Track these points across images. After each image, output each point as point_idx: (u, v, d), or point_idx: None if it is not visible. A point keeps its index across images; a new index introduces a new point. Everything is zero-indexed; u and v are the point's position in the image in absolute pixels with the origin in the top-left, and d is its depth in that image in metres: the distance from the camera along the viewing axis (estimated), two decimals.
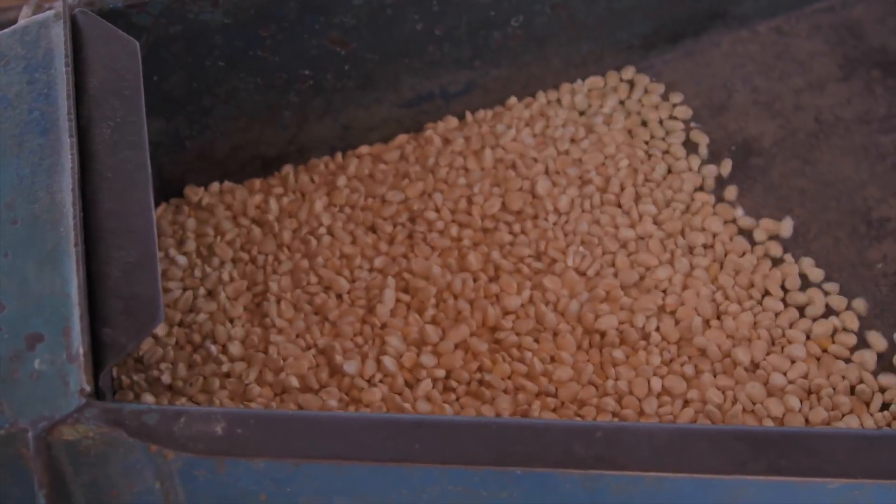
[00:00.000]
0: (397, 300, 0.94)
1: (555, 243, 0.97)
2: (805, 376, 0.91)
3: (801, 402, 0.90)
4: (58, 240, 0.70)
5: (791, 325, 0.94)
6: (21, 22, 0.84)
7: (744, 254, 0.99)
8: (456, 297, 0.94)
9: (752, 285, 0.96)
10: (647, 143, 1.06)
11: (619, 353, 0.91)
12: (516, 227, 0.99)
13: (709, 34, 1.14)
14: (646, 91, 1.10)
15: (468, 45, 1.04)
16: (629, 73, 1.11)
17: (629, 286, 0.95)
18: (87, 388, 0.64)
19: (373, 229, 0.99)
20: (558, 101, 1.09)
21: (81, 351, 0.65)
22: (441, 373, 0.89)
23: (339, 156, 1.04)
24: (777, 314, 0.95)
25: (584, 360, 0.91)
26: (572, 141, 1.05)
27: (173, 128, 0.97)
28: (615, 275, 0.96)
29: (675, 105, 1.09)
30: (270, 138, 1.02)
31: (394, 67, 1.03)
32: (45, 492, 0.64)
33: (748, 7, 1.13)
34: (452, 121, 1.06)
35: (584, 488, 0.64)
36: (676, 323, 0.93)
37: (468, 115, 1.06)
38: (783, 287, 0.97)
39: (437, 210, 0.99)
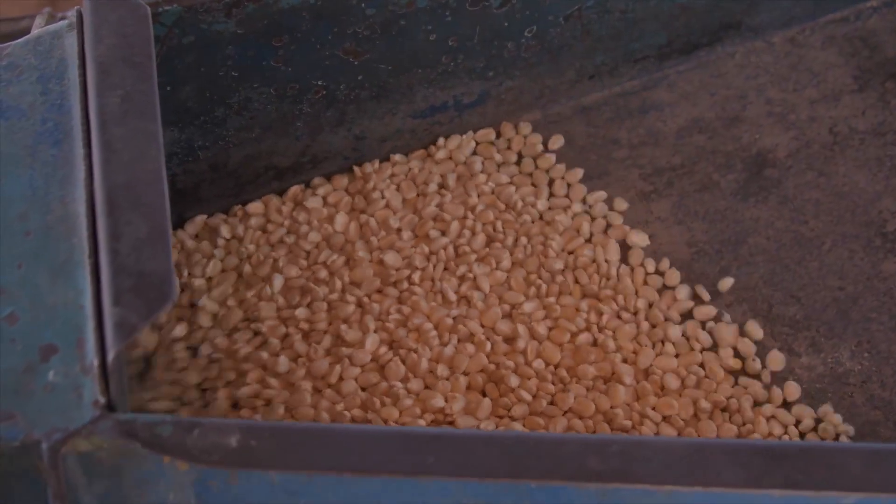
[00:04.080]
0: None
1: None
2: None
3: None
4: (71, 251, 0.70)
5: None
6: (34, 32, 0.84)
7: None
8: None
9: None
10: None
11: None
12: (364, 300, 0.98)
13: (723, 45, 1.14)
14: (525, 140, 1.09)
15: (482, 56, 1.04)
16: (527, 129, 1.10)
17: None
18: (101, 400, 0.64)
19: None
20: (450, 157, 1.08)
21: (95, 363, 0.65)
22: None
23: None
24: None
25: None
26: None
27: (186, 138, 0.97)
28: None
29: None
30: (283, 149, 1.02)
31: (407, 78, 1.02)
32: (60, 503, 0.64)
33: (762, 18, 1.13)
34: (341, 180, 1.05)
35: (600, 502, 0.64)
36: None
37: (356, 170, 1.05)
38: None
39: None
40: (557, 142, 1.08)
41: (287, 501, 0.64)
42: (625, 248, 1.02)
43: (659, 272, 1.01)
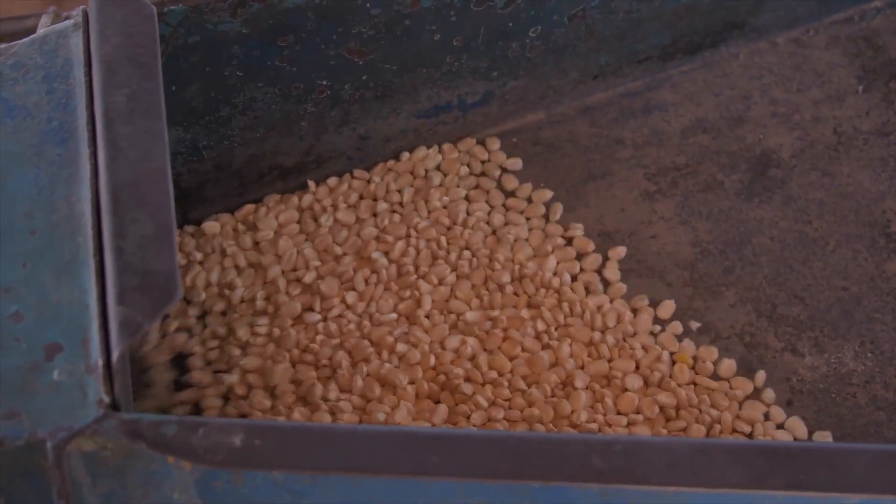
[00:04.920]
0: None
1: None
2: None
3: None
4: (76, 249, 0.70)
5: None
6: (40, 31, 0.84)
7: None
8: None
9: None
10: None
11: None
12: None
13: (727, 45, 1.14)
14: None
15: (486, 56, 1.04)
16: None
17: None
18: (106, 399, 0.64)
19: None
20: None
21: (100, 362, 0.65)
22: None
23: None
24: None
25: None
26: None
27: (191, 137, 0.97)
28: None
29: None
30: (288, 148, 1.02)
31: (411, 78, 1.03)
32: (64, 502, 0.64)
33: (766, 18, 1.13)
34: (292, 199, 1.04)
35: (603, 502, 0.64)
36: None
37: (310, 185, 1.04)
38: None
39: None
40: (516, 164, 1.07)
41: (291, 501, 0.65)
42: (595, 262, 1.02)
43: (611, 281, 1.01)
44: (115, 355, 0.65)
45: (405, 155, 1.07)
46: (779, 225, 1.03)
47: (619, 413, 0.92)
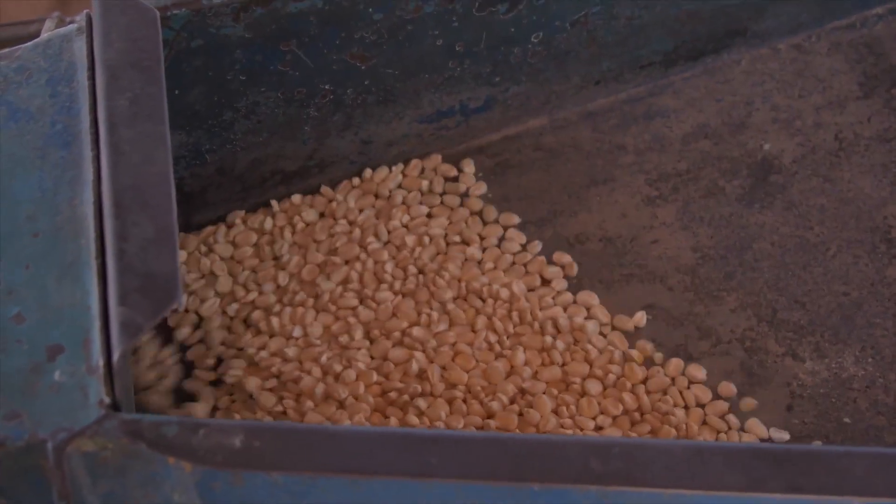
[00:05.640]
0: None
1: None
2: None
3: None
4: (79, 252, 0.70)
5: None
6: (44, 35, 0.84)
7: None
8: None
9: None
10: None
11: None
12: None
13: (729, 52, 1.14)
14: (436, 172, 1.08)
15: (488, 62, 1.04)
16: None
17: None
18: (107, 400, 0.65)
19: None
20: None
21: (101, 363, 0.66)
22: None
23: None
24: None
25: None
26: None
27: (193, 141, 0.97)
28: None
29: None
30: (290, 153, 1.02)
31: (414, 83, 1.03)
32: (64, 503, 0.65)
33: (768, 25, 1.13)
34: (255, 218, 1.04)
35: None
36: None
37: (273, 204, 1.04)
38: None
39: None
40: (480, 188, 1.06)
41: (291, 502, 0.65)
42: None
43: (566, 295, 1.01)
44: (116, 356, 0.65)
45: (368, 172, 1.06)
46: (780, 230, 1.04)
47: (582, 416, 0.92)
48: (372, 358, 0.95)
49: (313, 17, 0.94)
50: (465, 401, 0.92)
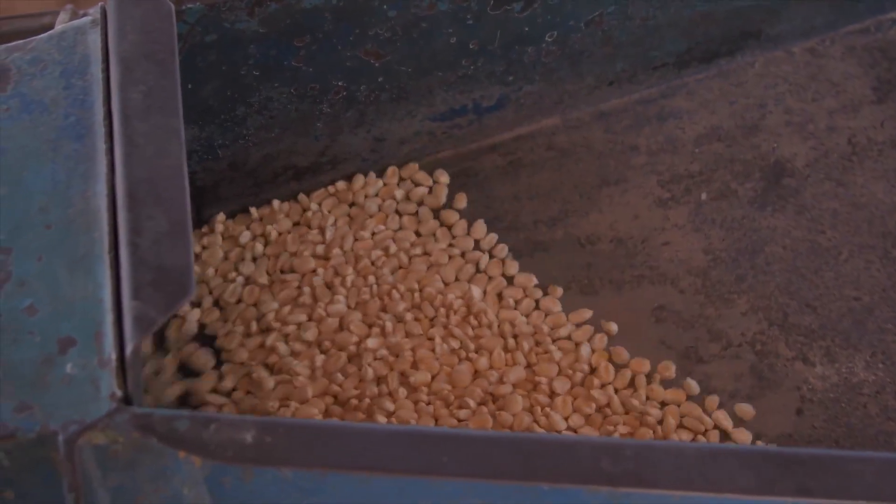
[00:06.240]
0: None
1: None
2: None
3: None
4: (91, 244, 0.70)
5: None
6: (58, 27, 0.84)
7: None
8: None
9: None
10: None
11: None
12: None
13: (743, 54, 1.14)
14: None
15: (502, 60, 1.04)
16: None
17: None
18: (118, 393, 0.65)
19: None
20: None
21: (113, 356, 0.66)
22: None
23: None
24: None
25: None
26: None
27: (206, 136, 0.97)
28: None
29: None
30: (303, 149, 1.02)
31: (427, 81, 1.03)
32: (74, 495, 0.64)
33: (783, 28, 1.13)
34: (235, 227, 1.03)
35: None
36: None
37: (253, 212, 1.03)
38: None
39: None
40: (462, 201, 1.06)
41: (300, 499, 0.65)
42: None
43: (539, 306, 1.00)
44: (128, 350, 0.65)
45: (340, 185, 1.05)
46: (792, 234, 1.03)
47: (556, 413, 0.92)
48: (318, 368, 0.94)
49: (328, 13, 0.94)
50: (429, 403, 0.92)
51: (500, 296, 1.00)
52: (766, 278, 1.01)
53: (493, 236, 1.03)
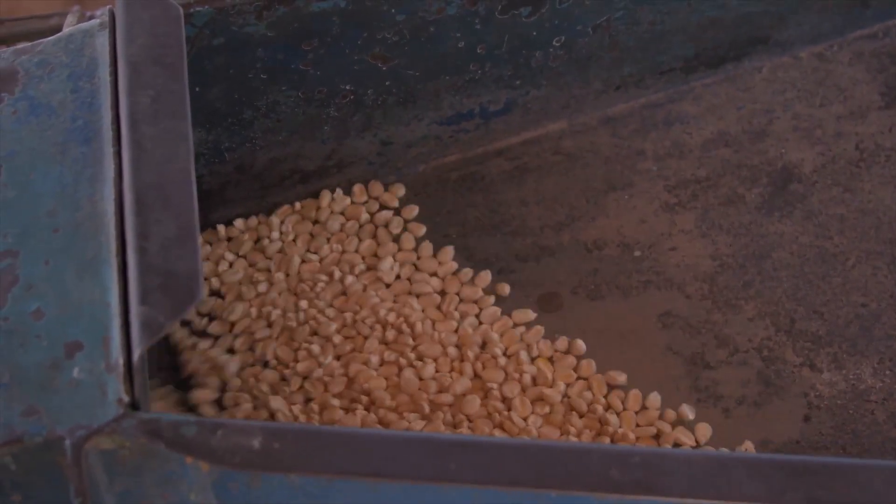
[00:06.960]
0: None
1: None
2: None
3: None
4: (98, 248, 0.70)
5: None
6: (66, 30, 0.84)
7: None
8: None
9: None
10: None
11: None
12: None
13: (750, 59, 1.14)
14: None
15: (509, 65, 1.04)
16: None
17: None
18: (125, 398, 0.64)
19: None
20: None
21: (120, 361, 0.65)
22: None
23: None
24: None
25: None
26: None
27: (213, 139, 0.97)
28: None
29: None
30: (310, 152, 1.02)
31: (434, 85, 1.03)
32: (81, 500, 0.64)
33: (790, 33, 1.13)
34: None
35: None
36: None
37: (220, 230, 1.02)
38: None
39: None
40: (412, 212, 1.05)
41: None
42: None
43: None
44: (135, 355, 0.65)
45: (307, 202, 1.04)
46: (799, 240, 1.03)
47: (514, 414, 0.92)
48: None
49: (336, 17, 0.94)
50: (367, 409, 0.92)
51: (442, 307, 1.00)
52: (774, 284, 1.01)
53: (453, 264, 1.03)
